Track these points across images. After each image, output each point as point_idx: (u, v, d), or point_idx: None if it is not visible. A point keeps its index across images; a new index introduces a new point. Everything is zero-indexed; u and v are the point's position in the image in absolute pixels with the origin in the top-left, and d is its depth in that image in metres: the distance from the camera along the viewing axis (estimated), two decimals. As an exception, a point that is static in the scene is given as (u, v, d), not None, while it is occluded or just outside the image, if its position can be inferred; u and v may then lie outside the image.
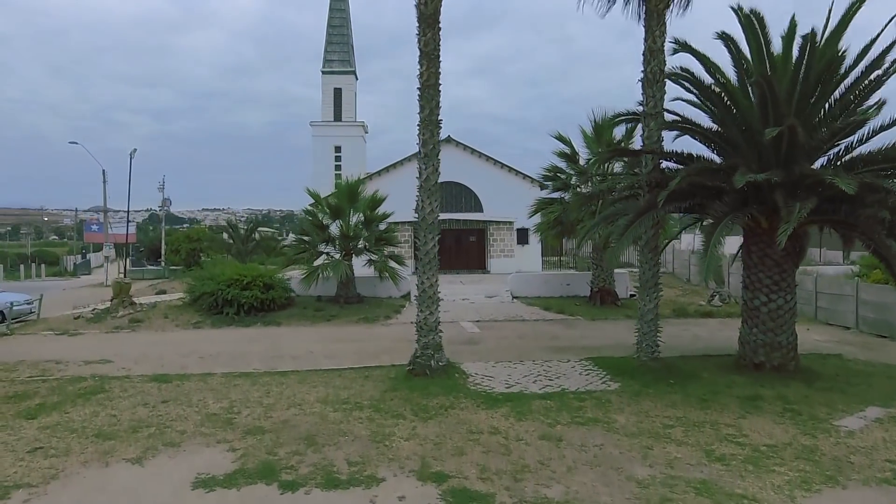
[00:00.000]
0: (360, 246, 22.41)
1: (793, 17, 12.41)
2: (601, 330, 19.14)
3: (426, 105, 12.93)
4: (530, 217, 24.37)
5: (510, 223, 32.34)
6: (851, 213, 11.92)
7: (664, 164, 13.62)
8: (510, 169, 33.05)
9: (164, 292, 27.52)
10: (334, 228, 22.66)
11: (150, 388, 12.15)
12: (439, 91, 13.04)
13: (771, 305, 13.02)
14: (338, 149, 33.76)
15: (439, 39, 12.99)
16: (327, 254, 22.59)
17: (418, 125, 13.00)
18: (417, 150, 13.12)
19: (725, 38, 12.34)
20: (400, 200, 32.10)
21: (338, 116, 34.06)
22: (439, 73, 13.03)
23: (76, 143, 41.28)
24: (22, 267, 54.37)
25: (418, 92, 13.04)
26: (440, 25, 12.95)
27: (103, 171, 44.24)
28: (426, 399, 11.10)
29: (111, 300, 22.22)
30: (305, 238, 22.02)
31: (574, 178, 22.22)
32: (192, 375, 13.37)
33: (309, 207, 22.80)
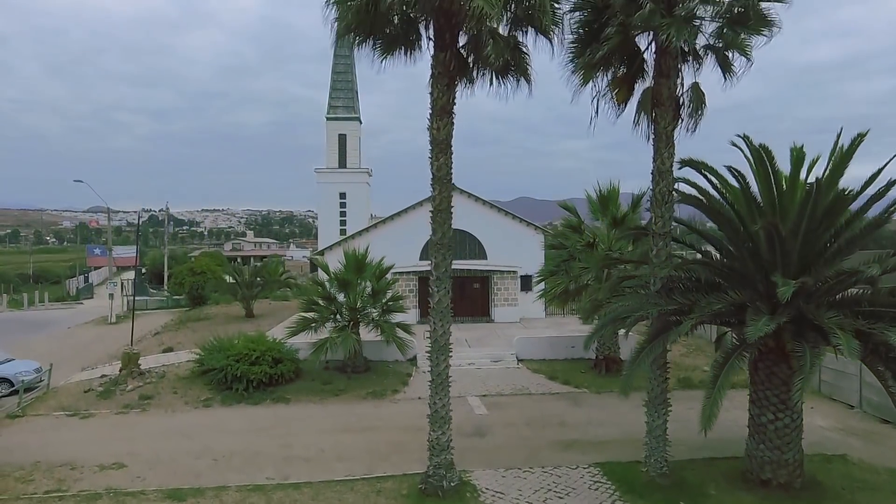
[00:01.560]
0: (367, 316, 22.57)
1: (799, 149, 12.60)
2: (608, 410, 19.31)
3: (438, 229, 13.11)
4: (535, 286, 24.50)
5: (514, 272, 32.50)
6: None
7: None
8: (514, 216, 33.27)
9: (170, 349, 27.61)
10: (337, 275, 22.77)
11: (167, 516, 12.33)
12: (451, 214, 13.23)
13: (778, 423, 13.21)
14: (343, 195, 33.95)
15: (451, 164, 13.16)
16: (334, 317, 22.73)
17: (430, 248, 13.19)
18: (430, 270, 13.30)
19: (734, 172, 12.52)
20: (404, 247, 32.46)
21: (342, 163, 34.24)
22: (451, 197, 13.21)
23: (81, 182, 41.36)
24: (25, 296, 54.45)
25: (430, 216, 13.22)
26: (452, 150, 13.13)
27: (108, 207, 44.28)
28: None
29: (120, 370, 22.36)
30: (313, 315, 22.16)
31: (579, 248, 22.38)
32: (207, 490, 13.54)
33: (317, 279, 22.94)
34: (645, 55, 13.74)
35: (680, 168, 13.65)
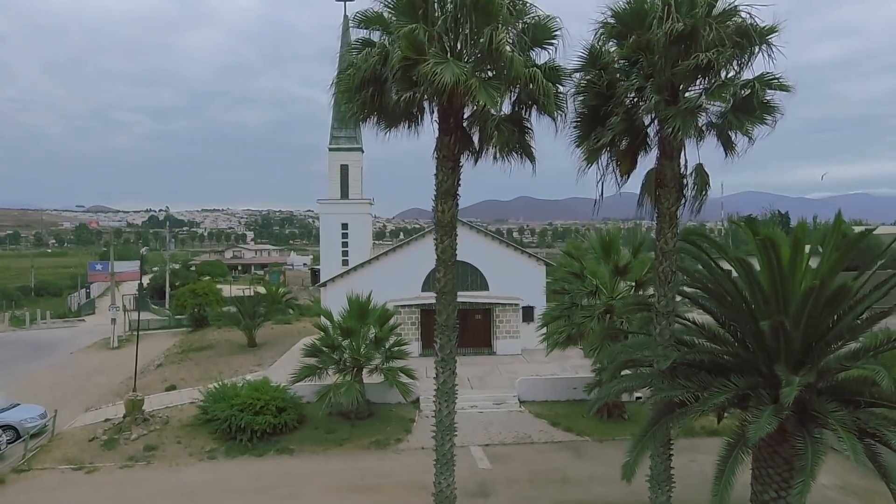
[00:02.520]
0: (370, 361, 22.67)
1: (802, 227, 12.70)
2: (612, 463, 19.25)
3: (443, 310, 13.22)
4: (538, 331, 24.59)
5: (516, 304, 32.60)
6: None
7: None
8: (515, 248, 33.36)
9: (173, 387, 27.67)
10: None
11: None
12: (456, 296, 13.32)
13: (780, 502, 13.30)
14: (344, 225, 34.05)
15: (456, 246, 13.26)
16: (337, 364, 22.80)
17: (436, 330, 13.29)
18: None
19: (741, 262, 12.61)
20: (406, 279, 32.56)
21: (344, 193, 34.34)
22: (456, 279, 13.30)
23: (82, 207, 41.34)
24: (27, 314, 54.48)
25: (435, 296, 13.32)
26: (457, 233, 13.22)
27: (111, 244, 44.34)
28: None
29: (124, 417, 22.45)
30: (316, 361, 22.25)
31: (583, 296, 22.47)
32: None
33: (322, 324, 23.07)
34: (649, 129, 13.85)
35: (682, 240, 13.81)
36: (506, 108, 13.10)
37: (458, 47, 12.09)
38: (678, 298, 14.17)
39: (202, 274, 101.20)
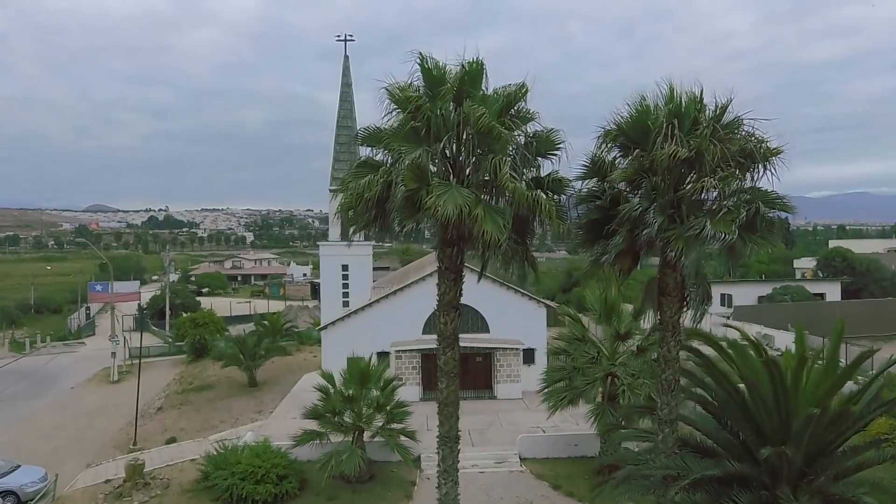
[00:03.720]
0: (372, 426, 22.65)
1: (802, 348, 12.69)
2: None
3: (445, 422, 13.21)
4: (539, 393, 24.55)
5: (517, 349, 32.58)
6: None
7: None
8: (516, 290, 33.31)
9: (174, 440, 27.58)
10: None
11: None
12: (458, 407, 13.30)
13: None
14: (345, 267, 33.98)
15: (458, 357, 13.22)
16: (339, 427, 22.77)
17: (437, 442, 13.26)
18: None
19: (745, 379, 12.60)
20: (407, 321, 32.51)
21: (346, 236, 34.27)
22: (458, 390, 13.27)
23: (84, 241, 41.28)
24: (28, 341, 54.46)
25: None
26: (459, 344, 13.19)
27: (112, 284, 44.45)
28: None
29: (124, 481, 22.42)
30: (319, 426, 22.23)
31: (583, 361, 22.45)
32: None
33: (322, 388, 23.03)
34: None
35: (686, 338, 13.80)
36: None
37: (462, 170, 12.05)
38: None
39: (202, 286, 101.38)
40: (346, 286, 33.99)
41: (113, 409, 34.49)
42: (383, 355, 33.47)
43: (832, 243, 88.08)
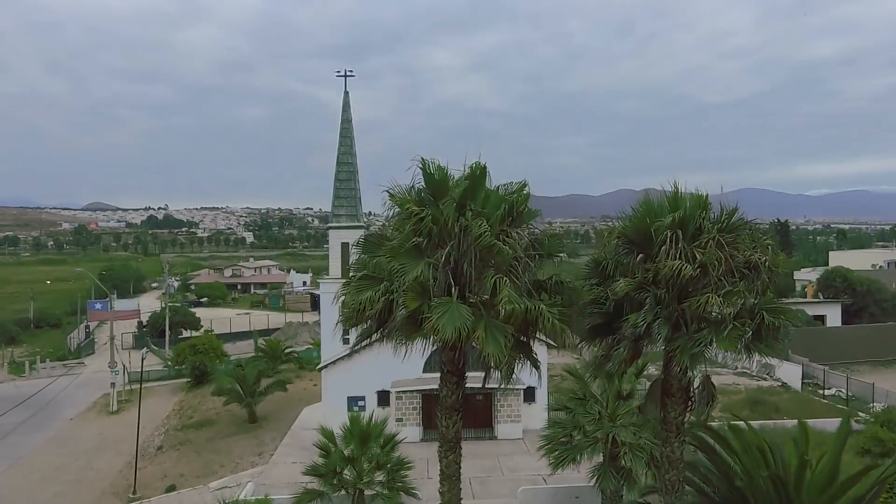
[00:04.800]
0: (373, 486, 22.54)
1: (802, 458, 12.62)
2: None
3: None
4: (541, 455, 24.43)
5: (518, 389, 32.47)
6: None
7: None
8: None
9: (174, 488, 27.46)
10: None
11: None
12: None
13: None
14: (345, 304, 33.91)
15: (460, 460, 13.13)
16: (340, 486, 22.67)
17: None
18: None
19: (747, 473, 12.50)
20: (408, 358, 32.35)
21: (345, 272, 34.10)
22: (460, 494, 13.18)
23: (81, 270, 41.23)
24: (27, 363, 54.32)
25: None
26: (462, 450, 13.11)
27: (112, 333, 44.51)
28: None
29: (125, 541, 22.38)
30: (319, 485, 22.13)
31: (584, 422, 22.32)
32: None
33: (323, 446, 22.90)
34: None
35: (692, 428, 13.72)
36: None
37: (465, 281, 11.94)
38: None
39: (201, 295, 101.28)
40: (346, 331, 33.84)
41: (113, 445, 34.42)
42: (383, 394, 33.47)
43: (832, 255, 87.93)
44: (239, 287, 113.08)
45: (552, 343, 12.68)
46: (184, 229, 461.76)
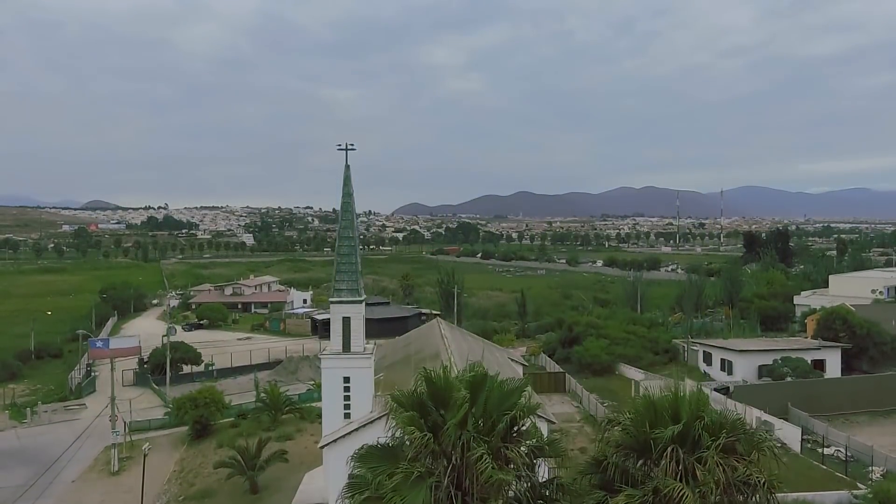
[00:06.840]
0: None
1: None
2: None
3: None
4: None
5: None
6: None
7: None
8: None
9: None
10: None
11: None
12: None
13: None
14: (346, 379, 33.96)
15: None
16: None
17: None
18: None
19: None
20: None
21: (346, 346, 34.21)
22: None
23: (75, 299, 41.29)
24: (29, 412, 54.34)
25: None
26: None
27: (112, 365, 44.42)
28: None
29: None
30: None
31: None
32: None
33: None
34: None
35: None
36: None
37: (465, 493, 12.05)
38: None
39: (202, 317, 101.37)
40: (347, 398, 34.00)
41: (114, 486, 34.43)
42: (385, 470, 33.64)
43: (832, 281, 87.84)
44: (239, 306, 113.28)
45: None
46: (184, 231, 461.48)
